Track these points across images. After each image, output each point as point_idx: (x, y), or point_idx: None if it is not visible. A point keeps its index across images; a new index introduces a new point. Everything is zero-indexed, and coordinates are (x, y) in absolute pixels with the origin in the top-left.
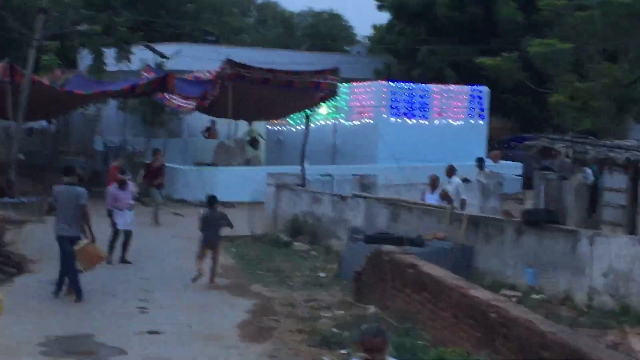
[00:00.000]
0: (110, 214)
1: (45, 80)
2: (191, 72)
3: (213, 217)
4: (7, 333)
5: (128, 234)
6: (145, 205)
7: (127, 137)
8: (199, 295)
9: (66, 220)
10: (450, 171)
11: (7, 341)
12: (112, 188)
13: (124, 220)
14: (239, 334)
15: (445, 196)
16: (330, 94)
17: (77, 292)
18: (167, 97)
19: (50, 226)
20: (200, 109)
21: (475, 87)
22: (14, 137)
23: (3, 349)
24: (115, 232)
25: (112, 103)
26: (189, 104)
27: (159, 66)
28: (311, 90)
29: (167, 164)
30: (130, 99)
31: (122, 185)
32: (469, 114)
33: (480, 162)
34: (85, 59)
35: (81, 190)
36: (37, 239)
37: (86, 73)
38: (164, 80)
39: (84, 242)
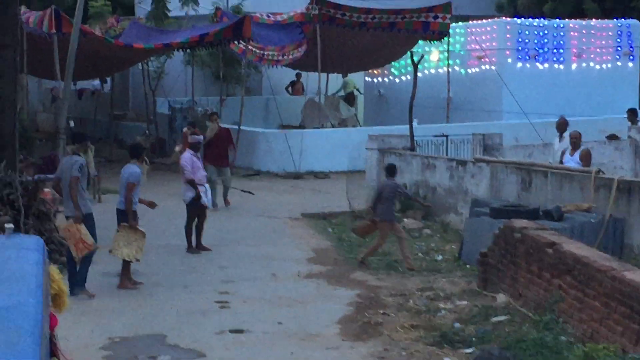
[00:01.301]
0: (193, 186)
1: (97, 31)
2: (269, 15)
3: (387, 188)
4: (63, 335)
5: (204, 213)
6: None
7: (196, 96)
8: (290, 287)
9: (65, 196)
10: (563, 125)
11: (63, 345)
12: (189, 154)
13: (206, 194)
14: (341, 332)
15: (586, 157)
16: (441, 35)
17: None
18: (243, 46)
19: (107, 205)
20: (293, 63)
21: (623, 21)
22: (63, 101)
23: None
24: (194, 211)
25: (177, 56)
26: (273, 56)
27: (234, 9)
28: (418, 32)
29: (245, 128)
30: (199, 51)
31: (198, 150)
32: (615, 56)
33: (632, 113)
34: (143, 3)
35: (77, 159)
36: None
37: (145, 21)
38: (239, 26)
39: (69, 221)
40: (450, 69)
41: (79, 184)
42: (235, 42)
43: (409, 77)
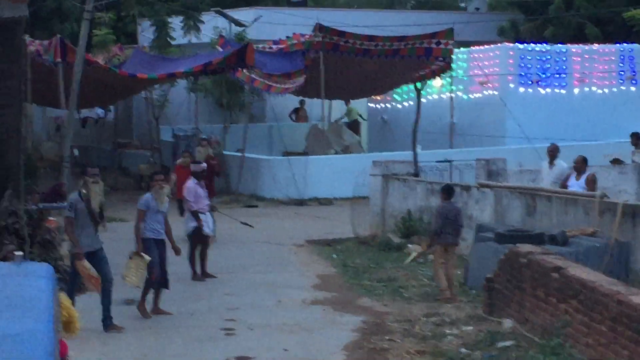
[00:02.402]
0: (195, 217)
1: (101, 60)
2: (271, 47)
3: (453, 211)
4: None
5: (207, 242)
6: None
7: (200, 124)
8: (296, 313)
9: None
10: (554, 152)
11: None
12: (193, 183)
13: (208, 223)
14: (347, 358)
15: (592, 182)
16: (444, 64)
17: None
18: (247, 74)
19: (111, 234)
20: (296, 91)
21: (625, 45)
22: (67, 129)
23: None
24: (197, 240)
25: (181, 84)
26: (279, 85)
27: (237, 36)
28: (421, 57)
29: (249, 155)
30: (202, 79)
31: (201, 178)
32: (618, 80)
33: (636, 137)
34: (146, 32)
35: (70, 197)
36: None
37: (148, 49)
38: (242, 54)
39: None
40: (453, 95)
41: (73, 222)
42: (241, 69)
43: (411, 102)
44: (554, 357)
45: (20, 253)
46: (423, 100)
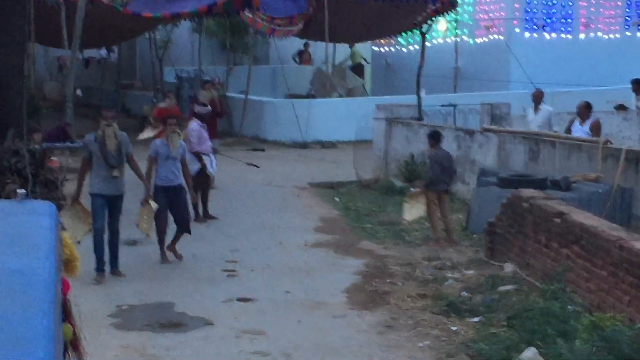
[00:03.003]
0: (198, 158)
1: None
2: None
3: (446, 157)
4: (72, 302)
5: (209, 183)
6: None
7: (204, 65)
8: (297, 256)
9: None
10: (538, 97)
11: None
12: (197, 125)
13: (211, 164)
14: (348, 301)
15: (596, 128)
16: (448, 5)
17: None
18: (251, 16)
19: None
20: (301, 33)
21: None
22: (70, 70)
23: None
24: (199, 182)
25: (185, 25)
26: (281, 28)
27: None
28: (428, 2)
29: (252, 97)
30: (206, 20)
31: (204, 120)
32: (625, 25)
33: (637, 84)
34: None
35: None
36: None
37: None
38: None
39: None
40: (458, 39)
41: (86, 162)
42: (245, 11)
43: (416, 46)
44: (555, 301)
45: (23, 191)
46: (427, 44)
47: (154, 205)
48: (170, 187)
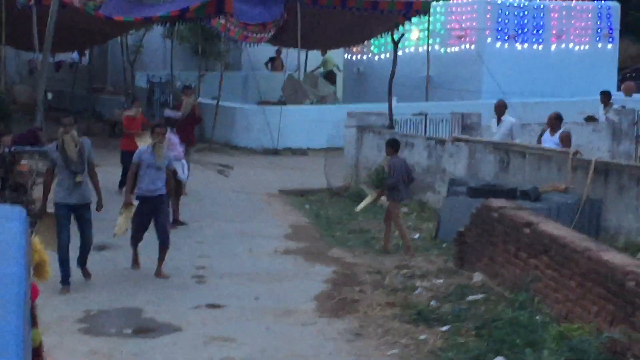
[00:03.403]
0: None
1: (77, 3)
2: None
3: (404, 166)
4: (42, 308)
5: (180, 189)
6: None
7: (175, 71)
8: (267, 263)
9: None
10: (501, 108)
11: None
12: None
13: (183, 169)
14: (317, 308)
15: (566, 139)
16: (419, 11)
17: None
18: (224, 23)
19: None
20: (273, 40)
21: (602, 2)
22: (41, 73)
23: None
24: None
25: (157, 30)
26: (254, 35)
27: None
28: (401, 12)
29: (224, 103)
30: (178, 25)
31: (174, 125)
32: (595, 37)
33: (605, 96)
34: None
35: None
36: None
37: None
38: (220, 1)
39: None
40: (430, 48)
41: (49, 172)
42: (217, 18)
43: (388, 55)
44: (523, 311)
45: None
46: (400, 52)
47: (131, 210)
48: (151, 198)
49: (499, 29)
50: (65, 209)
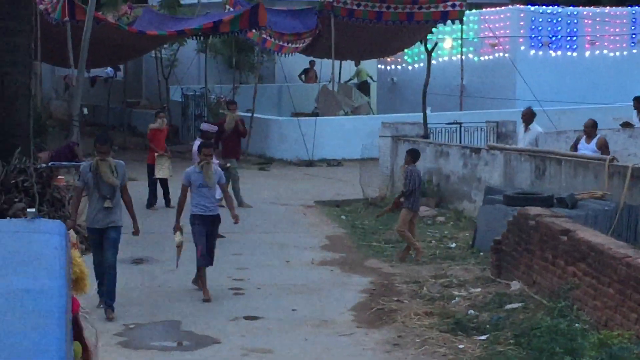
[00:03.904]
0: None
1: (110, 18)
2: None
3: (420, 176)
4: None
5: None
6: None
7: (209, 84)
8: (304, 274)
9: None
10: (529, 116)
11: None
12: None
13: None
14: (354, 319)
15: (604, 145)
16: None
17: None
18: (259, 35)
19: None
20: (306, 51)
21: (637, 8)
22: (76, 88)
23: None
24: None
25: (190, 44)
26: (289, 45)
27: None
28: (438, 21)
29: (258, 115)
30: (212, 38)
31: (210, 139)
32: (629, 43)
33: (638, 101)
34: None
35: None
36: None
37: (158, 8)
38: (254, 14)
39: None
40: (463, 57)
41: (79, 191)
42: (253, 30)
43: (422, 64)
44: (562, 319)
45: (33, 210)
46: (433, 62)
47: (178, 237)
48: (207, 216)
49: (533, 36)
50: (95, 232)
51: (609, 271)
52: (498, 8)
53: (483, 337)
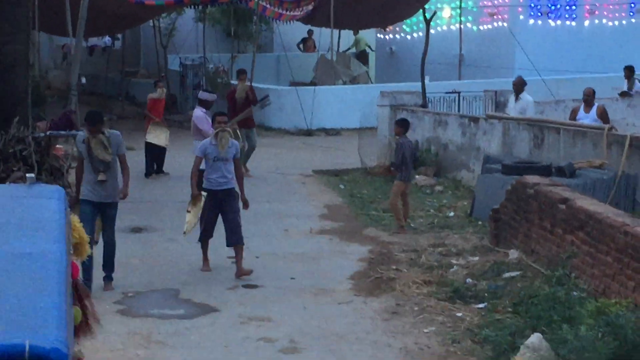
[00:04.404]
0: None
1: None
2: None
3: (411, 147)
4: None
5: None
6: None
7: (208, 53)
8: (302, 242)
9: None
10: (520, 86)
11: None
12: (201, 112)
13: None
14: (353, 287)
15: (604, 113)
16: None
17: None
18: (260, 3)
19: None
20: (305, 20)
21: None
22: (74, 58)
23: None
24: None
25: (189, 13)
26: (287, 12)
27: None
28: None
29: (257, 85)
30: (210, 7)
31: (209, 108)
32: (629, 12)
33: (629, 70)
34: None
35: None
36: None
37: None
38: None
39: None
40: (462, 26)
41: (81, 161)
42: None
43: (420, 34)
44: (560, 287)
45: (32, 175)
46: (432, 31)
47: (193, 207)
48: (220, 191)
49: (532, 5)
50: (88, 205)
51: (607, 240)
52: None
53: (481, 306)
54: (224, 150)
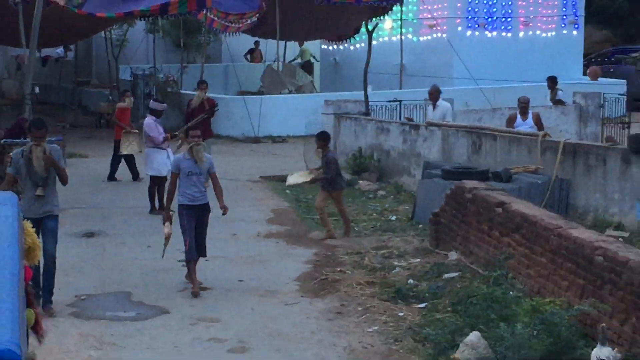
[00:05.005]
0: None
1: (60, 1)
2: None
3: (336, 160)
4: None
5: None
6: None
7: (158, 64)
8: (250, 246)
9: None
10: (436, 94)
11: None
12: (151, 120)
13: (167, 164)
14: (299, 289)
15: (540, 119)
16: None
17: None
18: (208, 16)
19: (73, 170)
20: (252, 31)
21: None
22: (28, 68)
23: None
24: (158, 178)
25: (140, 24)
26: (233, 24)
27: None
28: (382, 3)
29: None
30: (160, 19)
31: (160, 116)
32: (561, 24)
33: (551, 81)
34: None
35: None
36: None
37: None
38: None
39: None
40: (403, 37)
41: (9, 180)
42: (203, 11)
43: (363, 44)
44: (497, 287)
45: None
46: (374, 42)
47: (167, 228)
48: (195, 206)
49: (469, 17)
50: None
51: (541, 241)
52: None
53: (422, 305)
54: (201, 164)
